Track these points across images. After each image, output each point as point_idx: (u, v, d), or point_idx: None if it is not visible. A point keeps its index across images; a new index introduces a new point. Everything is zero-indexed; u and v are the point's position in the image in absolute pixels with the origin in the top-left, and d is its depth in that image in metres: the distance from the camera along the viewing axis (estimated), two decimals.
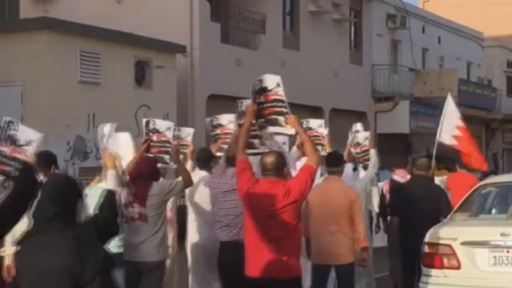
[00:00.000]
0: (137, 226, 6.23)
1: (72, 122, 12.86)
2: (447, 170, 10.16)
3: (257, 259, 5.35)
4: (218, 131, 7.57)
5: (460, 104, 28.33)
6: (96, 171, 13.19)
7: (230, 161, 6.18)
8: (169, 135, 6.89)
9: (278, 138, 6.57)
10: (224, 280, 6.53)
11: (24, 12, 18.72)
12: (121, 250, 6.31)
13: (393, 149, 23.15)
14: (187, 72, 17.15)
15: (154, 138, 6.82)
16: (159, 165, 6.61)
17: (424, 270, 7.45)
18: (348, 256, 6.91)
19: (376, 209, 9.80)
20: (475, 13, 36.84)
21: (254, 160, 5.75)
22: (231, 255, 6.10)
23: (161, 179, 6.61)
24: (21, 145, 5.20)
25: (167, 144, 6.79)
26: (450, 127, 10.34)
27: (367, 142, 9.07)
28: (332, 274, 7.12)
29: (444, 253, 7.19)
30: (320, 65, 21.68)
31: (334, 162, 7.17)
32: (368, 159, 8.83)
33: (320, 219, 6.81)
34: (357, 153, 9.03)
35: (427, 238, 7.43)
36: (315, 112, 22.19)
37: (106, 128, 6.75)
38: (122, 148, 7.00)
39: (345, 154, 8.66)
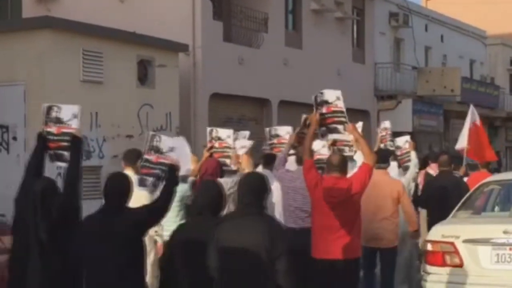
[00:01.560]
0: None
1: None
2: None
3: (323, 243, 6.37)
4: (275, 140, 8.69)
5: (463, 102, 28.53)
6: (97, 170, 13.27)
7: (301, 161, 7.20)
8: (230, 141, 7.98)
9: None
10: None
11: (26, 11, 18.74)
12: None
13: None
14: (189, 71, 17.16)
15: (217, 144, 7.87)
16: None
17: (427, 268, 7.45)
18: (392, 240, 7.97)
19: None
20: (478, 11, 36.82)
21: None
22: (297, 240, 6.76)
23: (224, 177, 7.70)
24: (164, 153, 6.24)
25: (228, 150, 7.82)
26: (464, 137, 11.73)
27: (407, 145, 10.08)
28: None
29: (446, 251, 7.20)
30: (323, 63, 21.67)
31: (382, 159, 8.13)
32: (407, 161, 9.81)
33: (369, 208, 7.46)
34: (398, 155, 9.98)
35: (429, 236, 7.44)
36: None
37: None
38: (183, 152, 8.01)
39: (375, 148, 9.62)
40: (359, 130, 9.65)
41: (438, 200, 9.03)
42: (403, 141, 10.21)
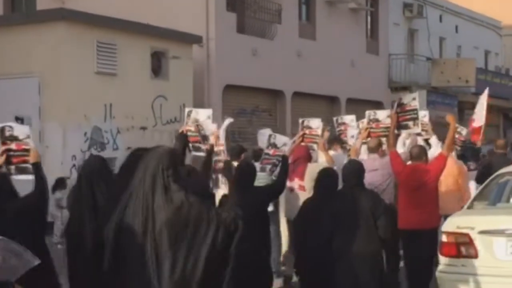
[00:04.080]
0: (296, 194, 9.01)
1: (89, 113, 12.91)
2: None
3: (407, 216, 7.78)
4: (342, 127, 10.10)
5: (477, 93, 28.33)
6: (112, 162, 13.29)
7: (372, 150, 9.06)
8: (318, 130, 9.55)
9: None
10: None
11: (41, 3, 18.81)
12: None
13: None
14: (203, 63, 17.16)
15: (307, 132, 9.40)
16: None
17: (442, 259, 7.42)
18: (455, 209, 8.74)
19: None
20: (493, 1, 36.52)
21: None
22: None
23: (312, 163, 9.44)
24: (279, 147, 8.15)
25: (316, 137, 9.31)
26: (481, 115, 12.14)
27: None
28: None
29: (461, 242, 7.15)
30: (337, 54, 21.62)
31: None
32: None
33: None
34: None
35: (444, 227, 7.42)
36: (332, 102, 22.15)
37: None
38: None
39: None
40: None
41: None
42: (466, 132, 11.64)
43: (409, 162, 8.42)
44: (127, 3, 17.52)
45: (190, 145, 7.30)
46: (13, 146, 5.87)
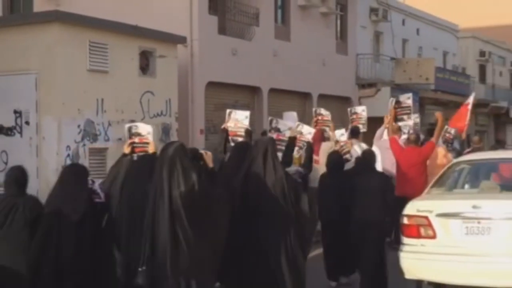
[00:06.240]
0: (318, 168, 10.17)
1: (82, 107, 12.83)
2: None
3: (401, 186, 9.82)
4: (354, 116, 12.16)
5: (436, 90, 28.57)
6: (103, 152, 13.27)
7: (393, 132, 10.78)
8: (329, 116, 11.51)
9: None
10: None
11: (37, 6, 18.63)
12: None
13: (375, 131, 23.08)
14: (187, 61, 17.11)
15: (319, 118, 11.49)
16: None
17: (403, 239, 7.51)
18: None
19: None
20: (451, 6, 36.74)
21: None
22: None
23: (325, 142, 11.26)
24: (304, 134, 9.57)
25: (328, 121, 11.32)
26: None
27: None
28: None
29: (421, 224, 7.26)
30: (309, 54, 21.64)
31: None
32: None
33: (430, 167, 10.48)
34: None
35: (405, 211, 7.50)
36: (305, 97, 22.19)
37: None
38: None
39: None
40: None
41: None
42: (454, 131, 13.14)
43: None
44: (118, 6, 17.41)
45: (230, 138, 8.62)
46: (136, 139, 7.10)
